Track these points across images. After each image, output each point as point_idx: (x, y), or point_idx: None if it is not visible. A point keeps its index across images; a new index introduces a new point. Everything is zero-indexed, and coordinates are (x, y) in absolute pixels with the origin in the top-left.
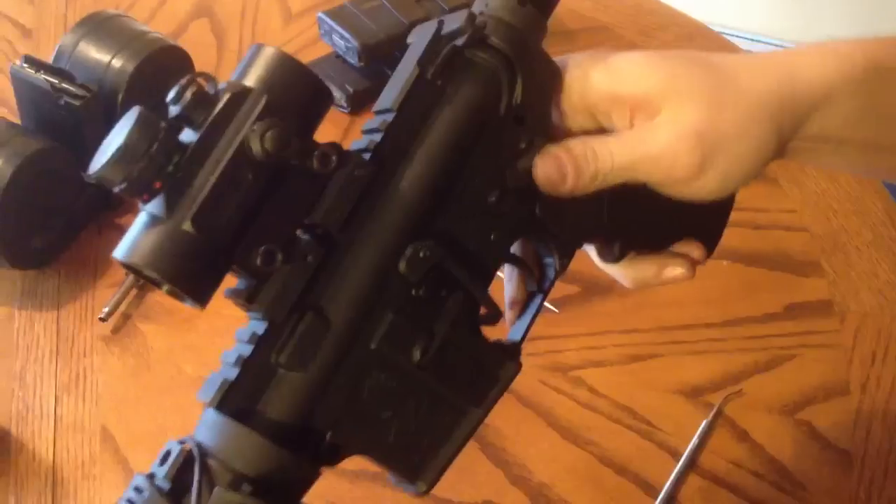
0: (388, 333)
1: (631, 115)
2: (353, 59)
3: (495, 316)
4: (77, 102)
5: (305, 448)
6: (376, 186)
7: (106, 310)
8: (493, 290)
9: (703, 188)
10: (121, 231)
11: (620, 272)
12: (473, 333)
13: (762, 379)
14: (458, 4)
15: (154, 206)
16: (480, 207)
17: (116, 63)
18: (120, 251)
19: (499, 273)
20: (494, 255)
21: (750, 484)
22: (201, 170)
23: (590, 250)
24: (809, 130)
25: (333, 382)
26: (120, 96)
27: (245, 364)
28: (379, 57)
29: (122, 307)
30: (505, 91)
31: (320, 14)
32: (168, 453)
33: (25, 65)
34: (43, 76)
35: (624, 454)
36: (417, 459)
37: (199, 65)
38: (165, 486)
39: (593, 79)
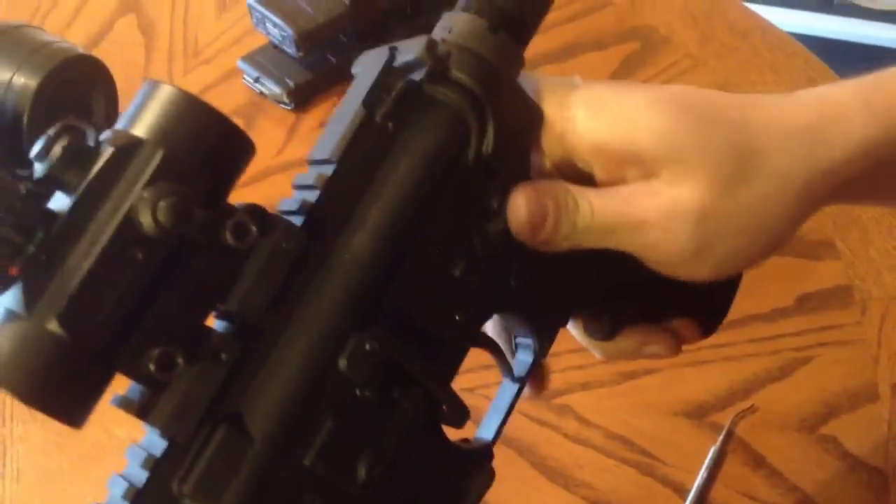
0: (325, 447)
1: (619, 170)
2: (290, 49)
3: (461, 416)
4: None
5: None
6: (310, 260)
7: None
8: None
9: (693, 274)
10: None
11: (592, 343)
12: (433, 438)
13: (775, 390)
14: None
15: (9, 299)
16: (442, 282)
17: (17, 82)
18: None
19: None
20: (460, 340)
21: None
22: (73, 250)
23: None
24: (842, 197)
25: None
26: (24, 119)
27: (137, 499)
28: (319, 44)
29: None
30: (474, 137)
31: (249, 1)
32: None
33: None
34: None
35: (622, 495)
36: None
37: (126, 67)
38: None
39: (576, 119)
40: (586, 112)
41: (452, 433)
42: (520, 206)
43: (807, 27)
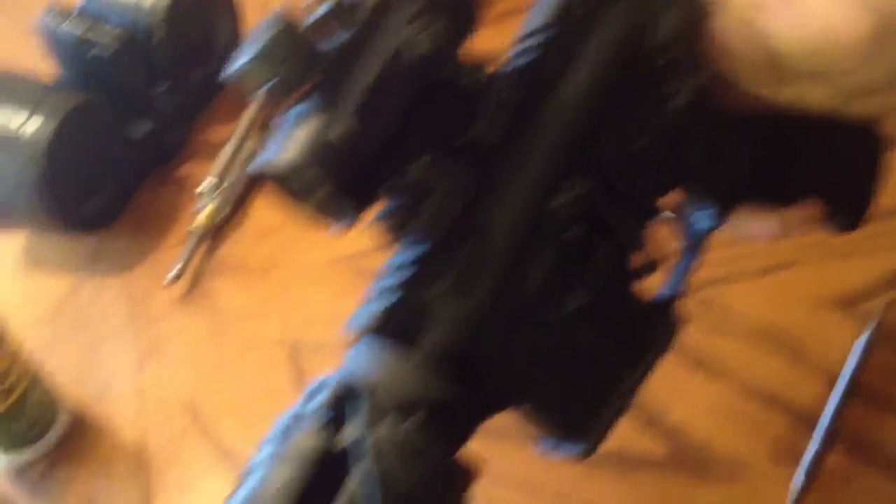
0: (543, 276)
1: None
2: None
3: (651, 265)
4: (108, 52)
5: (471, 385)
6: (531, 108)
7: (174, 272)
8: None
9: (872, 73)
10: (180, 186)
11: None
12: (624, 287)
13: None
14: None
15: (307, 105)
16: (629, 152)
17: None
18: (267, 155)
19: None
20: (644, 205)
21: None
22: (358, 67)
23: None
24: None
25: (491, 320)
26: (154, 39)
27: (406, 287)
28: None
29: (193, 265)
30: (653, 25)
31: None
32: (318, 388)
33: (50, 15)
34: (67, 26)
35: (770, 383)
36: (577, 418)
37: None
38: (324, 417)
39: None
40: None
41: None
42: None
43: None
